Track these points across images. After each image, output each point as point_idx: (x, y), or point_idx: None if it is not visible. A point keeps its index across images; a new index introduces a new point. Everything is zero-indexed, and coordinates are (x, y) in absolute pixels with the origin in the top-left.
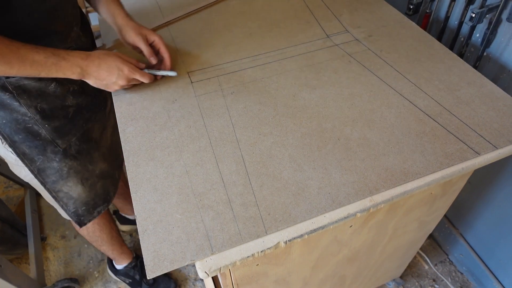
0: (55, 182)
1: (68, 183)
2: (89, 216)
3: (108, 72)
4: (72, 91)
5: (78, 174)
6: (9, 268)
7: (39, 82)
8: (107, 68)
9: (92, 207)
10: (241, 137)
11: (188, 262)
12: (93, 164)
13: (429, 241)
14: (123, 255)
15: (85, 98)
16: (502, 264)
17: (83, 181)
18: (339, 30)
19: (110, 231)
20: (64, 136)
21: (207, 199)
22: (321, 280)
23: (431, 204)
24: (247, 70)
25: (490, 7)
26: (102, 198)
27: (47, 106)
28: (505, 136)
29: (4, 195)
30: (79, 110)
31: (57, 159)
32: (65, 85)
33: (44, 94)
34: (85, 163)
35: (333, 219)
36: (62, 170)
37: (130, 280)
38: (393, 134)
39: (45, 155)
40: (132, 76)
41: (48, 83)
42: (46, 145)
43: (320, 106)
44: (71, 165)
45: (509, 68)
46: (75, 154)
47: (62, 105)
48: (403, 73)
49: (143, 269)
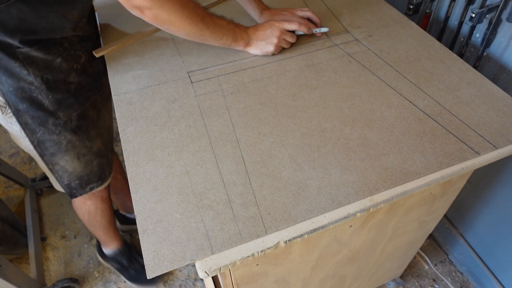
0: (53, 154)
1: (66, 156)
2: (81, 191)
3: (262, 30)
4: (75, 69)
5: (75, 149)
6: (9, 268)
7: (47, 55)
8: (261, 28)
9: (86, 182)
10: (241, 137)
11: (188, 262)
12: (91, 141)
13: (429, 241)
14: (114, 241)
15: (86, 78)
16: (502, 264)
17: (79, 156)
18: (339, 30)
19: (110, 217)
20: (65, 109)
21: (207, 199)
22: (321, 280)
23: (431, 204)
24: (247, 70)
25: (490, 7)
26: (97, 175)
27: (52, 78)
28: (505, 136)
29: (4, 195)
30: (80, 87)
31: (57, 132)
32: (70, 62)
33: (50, 66)
34: (84, 139)
35: (333, 219)
36: (61, 143)
37: (118, 266)
38: (393, 134)
39: (46, 127)
40: (282, 26)
41: (55, 57)
42: (48, 117)
43: (320, 106)
44: (70, 139)
45: (509, 68)
46: (75, 128)
47: (65, 80)
48: (403, 73)
49: (131, 255)
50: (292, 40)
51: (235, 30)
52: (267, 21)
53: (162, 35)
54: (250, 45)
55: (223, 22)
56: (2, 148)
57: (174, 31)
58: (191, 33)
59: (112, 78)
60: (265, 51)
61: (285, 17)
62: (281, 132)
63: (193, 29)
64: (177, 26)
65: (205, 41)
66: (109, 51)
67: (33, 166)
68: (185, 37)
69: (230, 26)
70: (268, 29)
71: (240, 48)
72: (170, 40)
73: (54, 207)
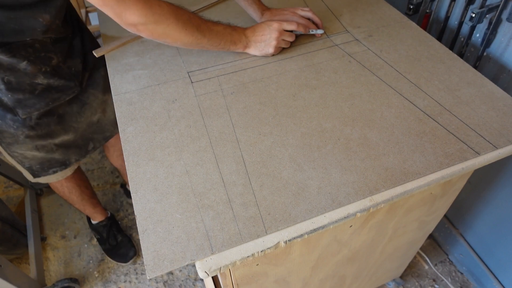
0: (11, 144)
1: (23, 147)
2: (43, 173)
3: (261, 31)
4: (44, 71)
5: (33, 142)
6: (9, 268)
7: (12, 58)
8: (260, 29)
9: (48, 167)
10: (241, 137)
11: (188, 262)
12: (53, 137)
13: (429, 241)
14: (95, 214)
15: (57, 80)
16: (502, 264)
17: (38, 148)
18: (339, 30)
19: (80, 193)
20: (25, 108)
21: (207, 199)
22: (321, 280)
23: (431, 204)
24: (247, 70)
25: (490, 7)
26: (60, 161)
27: (14, 80)
28: (505, 136)
29: (4, 195)
30: (48, 89)
31: (15, 127)
32: (37, 65)
33: (14, 69)
34: (43, 134)
35: (333, 219)
36: (18, 137)
37: (99, 236)
38: (393, 134)
39: (3, 121)
40: (281, 26)
41: (20, 61)
42: (6, 112)
43: (320, 106)
44: (27, 134)
45: (509, 68)
46: (34, 125)
47: (31, 81)
48: (403, 73)
49: (110, 230)
50: (291, 39)
51: (233, 34)
52: (265, 21)
53: None
54: (249, 47)
55: (219, 28)
56: None
57: (171, 43)
58: (188, 43)
59: (112, 78)
60: (264, 52)
61: (285, 16)
62: (281, 132)
63: (189, 39)
64: (174, 38)
65: (203, 48)
66: (109, 51)
67: None
68: (183, 47)
69: (227, 30)
70: (266, 30)
71: (239, 50)
72: None
73: (54, 207)
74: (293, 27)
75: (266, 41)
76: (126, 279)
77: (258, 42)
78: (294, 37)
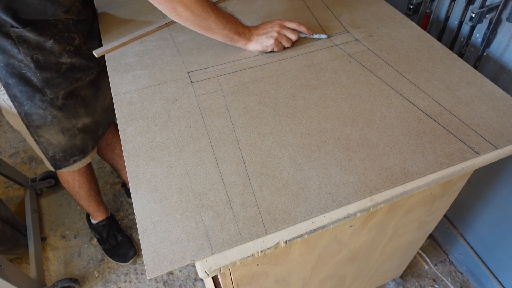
0: (39, 127)
1: (50, 130)
2: (65, 163)
3: (263, 26)
4: (68, 50)
5: (60, 124)
6: (9, 268)
7: (40, 36)
8: (262, 25)
9: (69, 155)
10: (241, 137)
11: (188, 262)
12: (77, 118)
13: (429, 241)
14: (97, 213)
15: (79, 60)
16: (502, 264)
17: (63, 131)
18: (339, 30)
19: (89, 189)
20: (53, 87)
21: (207, 199)
22: (321, 280)
23: (431, 204)
24: (247, 70)
25: (490, 7)
26: (80, 149)
27: (42, 58)
28: (505, 136)
29: (4, 195)
30: (71, 68)
31: (43, 107)
32: (62, 44)
33: (41, 47)
34: (69, 116)
35: (333, 219)
36: (46, 118)
37: (99, 236)
38: (393, 134)
39: (33, 102)
40: (283, 22)
41: (47, 39)
42: (35, 93)
43: (320, 106)
44: (55, 114)
45: (509, 68)
46: (61, 105)
47: (57, 60)
48: (403, 73)
49: (110, 230)
50: (293, 37)
51: (238, 24)
52: (268, 20)
53: (162, 35)
54: (251, 40)
55: (227, 14)
56: (2, 148)
57: (181, 12)
58: (197, 14)
59: (112, 78)
60: (265, 45)
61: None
62: (281, 132)
63: (199, 9)
64: (185, 3)
65: (209, 30)
66: (109, 51)
67: (33, 166)
68: (190, 24)
69: (233, 19)
70: (268, 24)
71: (242, 43)
72: (170, 40)
73: (54, 207)
74: (294, 25)
75: (268, 33)
76: (126, 279)
77: (260, 35)
78: (296, 36)
